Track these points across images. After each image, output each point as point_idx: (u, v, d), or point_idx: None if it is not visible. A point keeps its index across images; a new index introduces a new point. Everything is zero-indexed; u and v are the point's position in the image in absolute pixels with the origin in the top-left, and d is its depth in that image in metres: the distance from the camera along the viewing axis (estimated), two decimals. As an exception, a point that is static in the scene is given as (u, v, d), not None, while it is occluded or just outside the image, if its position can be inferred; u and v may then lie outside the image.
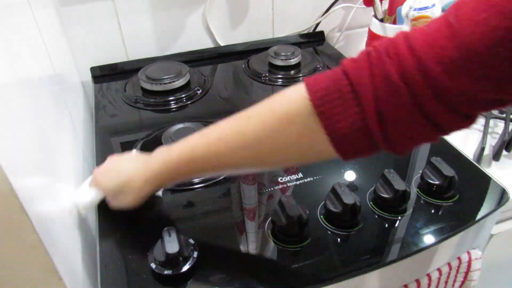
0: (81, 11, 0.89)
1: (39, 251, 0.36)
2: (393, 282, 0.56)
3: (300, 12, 1.08)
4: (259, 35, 1.07)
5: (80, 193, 0.57)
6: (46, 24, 0.71)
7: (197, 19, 1.00)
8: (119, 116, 0.82)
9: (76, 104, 0.82)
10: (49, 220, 0.41)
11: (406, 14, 0.81)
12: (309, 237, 0.53)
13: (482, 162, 0.70)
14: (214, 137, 0.46)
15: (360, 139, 0.39)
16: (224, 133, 0.45)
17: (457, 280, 0.62)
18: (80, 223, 0.55)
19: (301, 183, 0.62)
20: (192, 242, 0.51)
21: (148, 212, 0.58)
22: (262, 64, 0.97)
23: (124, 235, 0.55)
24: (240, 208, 0.59)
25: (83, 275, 0.50)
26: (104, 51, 0.96)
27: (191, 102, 0.85)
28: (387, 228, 0.55)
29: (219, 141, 0.45)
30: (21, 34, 0.52)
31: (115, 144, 0.73)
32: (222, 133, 0.45)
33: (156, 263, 0.48)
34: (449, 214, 0.56)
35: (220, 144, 0.45)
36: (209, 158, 0.46)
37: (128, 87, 0.90)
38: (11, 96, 0.40)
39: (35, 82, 0.53)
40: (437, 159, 0.59)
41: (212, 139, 0.46)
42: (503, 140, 0.70)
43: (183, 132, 0.68)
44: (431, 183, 0.58)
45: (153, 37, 0.98)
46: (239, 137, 0.44)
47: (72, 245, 0.49)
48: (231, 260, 0.51)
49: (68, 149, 0.61)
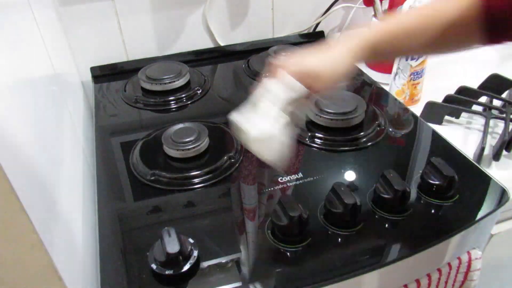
0: (81, 11, 0.89)
1: (39, 251, 0.36)
2: (393, 282, 0.56)
3: (300, 12, 1.08)
4: (259, 35, 1.07)
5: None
6: (46, 24, 0.71)
7: (197, 19, 1.00)
8: (119, 116, 0.82)
9: (76, 104, 0.82)
10: (49, 220, 0.41)
11: (406, 14, 0.81)
12: (309, 237, 0.53)
13: (482, 162, 0.70)
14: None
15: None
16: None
17: (457, 280, 0.62)
18: (80, 223, 0.55)
19: (301, 183, 0.62)
20: (192, 241, 0.51)
21: (148, 212, 0.58)
22: (262, 64, 0.97)
23: (124, 235, 0.55)
24: (240, 208, 0.59)
25: (83, 275, 0.50)
26: (104, 51, 0.96)
27: (191, 102, 0.85)
28: (387, 228, 0.55)
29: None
30: (21, 34, 0.52)
31: (115, 144, 0.73)
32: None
33: (156, 263, 0.48)
34: (449, 214, 0.56)
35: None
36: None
37: (128, 87, 0.90)
38: (11, 96, 0.40)
39: (35, 82, 0.53)
40: (437, 159, 0.59)
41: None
42: (503, 140, 0.70)
43: (183, 132, 0.68)
44: (431, 183, 0.58)
45: (153, 37, 0.98)
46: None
47: (72, 245, 0.49)
48: (231, 260, 0.51)
49: (68, 149, 0.61)
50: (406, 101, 0.87)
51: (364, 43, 0.55)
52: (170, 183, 0.63)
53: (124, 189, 0.63)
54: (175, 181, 0.63)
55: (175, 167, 0.65)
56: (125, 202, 0.61)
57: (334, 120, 0.71)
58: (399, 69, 0.85)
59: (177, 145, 0.66)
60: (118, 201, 0.61)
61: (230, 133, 0.73)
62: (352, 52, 0.55)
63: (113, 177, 0.66)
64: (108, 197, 0.62)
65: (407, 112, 0.79)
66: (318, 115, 0.72)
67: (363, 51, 0.55)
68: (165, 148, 0.67)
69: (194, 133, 0.67)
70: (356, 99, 0.75)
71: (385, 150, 0.69)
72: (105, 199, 0.61)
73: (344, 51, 0.55)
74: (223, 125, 0.75)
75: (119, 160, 0.69)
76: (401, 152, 0.70)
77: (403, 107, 0.81)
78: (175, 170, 0.65)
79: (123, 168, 0.67)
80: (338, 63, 0.55)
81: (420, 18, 0.54)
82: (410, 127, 0.75)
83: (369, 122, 0.74)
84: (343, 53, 0.55)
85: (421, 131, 0.74)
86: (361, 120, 0.73)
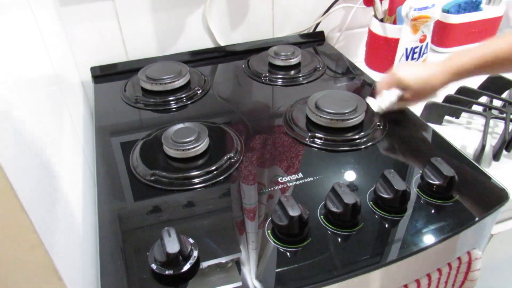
0: (81, 11, 0.89)
1: (39, 251, 0.36)
2: (393, 282, 0.56)
3: (300, 12, 1.08)
4: (259, 35, 1.07)
5: (381, 98, 0.72)
6: (46, 24, 0.71)
7: (197, 19, 1.00)
8: (119, 116, 0.82)
9: (76, 104, 0.82)
10: (49, 220, 0.41)
11: (406, 14, 0.81)
12: (309, 237, 0.53)
13: (482, 162, 0.70)
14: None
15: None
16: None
17: (457, 280, 0.62)
18: (80, 223, 0.55)
19: (301, 183, 0.62)
20: (192, 241, 0.51)
21: (148, 212, 0.58)
22: (262, 64, 0.97)
23: (124, 235, 0.55)
24: (240, 208, 0.59)
25: (83, 275, 0.50)
26: (104, 51, 0.96)
27: (191, 102, 0.85)
28: (387, 228, 0.55)
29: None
30: (21, 34, 0.52)
31: (115, 144, 0.73)
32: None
33: (156, 264, 0.48)
34: (449, 214, 0.56)
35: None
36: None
37: (128, 87, 0.90)
38: (11, 96, 0.40)
39: (35, 82, 0.53)
40: (437, 159, 0.59)
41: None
42: (503, 140, 0.70)
43: (183, 132, 0.68)
44: (431, 183, 0.58)
45: (153, 37, 0.98)
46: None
47: (72, 245, 0.49)
48: (231, 260, 0.51)
49: (68, 149, 0.61)
50: (406, 101, 0.87)
51: (459, 69, 0.63)
52: (170, 183, 0.63)
53: (124, 189, 0.63)
54: (175, 181, 0.63)
55: (175, 167, 0.65)
56: (125, 202, 0.61)
57: (334, 120, 0.71)
58: (399, 69, 0.84)
59: (177, 145, 0.66)
60: (118, 201, 0.61)
61: (230, 133, 0.73)
62: (446, 73, 0.64)
63: (113, 177, 0.66)
64: (108, 197, 0.62)
65: (407, 112, 0.79)
66: (318, 115, 0.72)
67: (456, 75, 0.64)
68: (165, 148, 0.67)
69: (194, 133, 0.67)
70: (356, 99, 0.75)
71: (385, 150, 0.69)
72: (105, 199, 0.61)
73: (438, 72, 0.64)
74: (223, 125, 0.75)
75: (119, 160, 0.69)
76: (401, 152, 0.69)
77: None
78: (175, 170, 0.65)
79: (123, 168, 0.67)
80: (430, 80, 0.65)
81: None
82: (410, 127, 0.75)
83: (369, 122, 0.74)
84: (437, 72, 0.64)
85: (421, 131, 0.74)
86: (361, 120, 0.73)
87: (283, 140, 0.72)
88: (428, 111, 0.80)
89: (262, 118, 0.80)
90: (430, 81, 0.65)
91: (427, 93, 0.67)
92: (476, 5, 1.06)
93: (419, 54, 0.82)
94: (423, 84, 0.66)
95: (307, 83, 0.91)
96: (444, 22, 1.06)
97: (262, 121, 0.79)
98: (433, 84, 0.65)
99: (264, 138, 0.73)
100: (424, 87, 0.66)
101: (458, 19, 1.05)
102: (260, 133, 0.74)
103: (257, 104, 0.85)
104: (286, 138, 0.72)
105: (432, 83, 0.65)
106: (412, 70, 0.68)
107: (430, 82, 0.65)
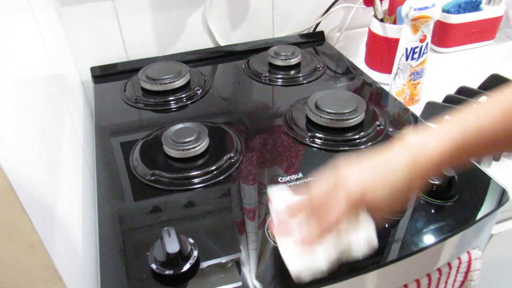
0: (81, 11, 0.89)
1: (39, 251, 0.36)
2: (393, 282, 0.56)
3: (300, 12, 1.08)
4: (259, 35, 1.07)
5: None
6: (46, 24, 0.71)
7: (197, 19, 1.00)
8: (119, 116, 0.82)
9: (76, 104, 0.82)
10: (49, 220, 0.41)
11: (406, 14, 0.81)
12: (309, 237, 0.53)
13: (482, 162, 0.70)
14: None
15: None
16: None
17: (457, 280, 0.62)
18: (80, 223, 0.55)
19: (301, 183, 0.62)
20: (192, 241, 0.51)
21: (148, 212, 0.58)
22: (262, 64, 0.97)
23: (124, 235, 0.55)
24: (240, 208, 0.59)
25: (83, 275, 0.50)
26: (104, 51, 0.96)
27: (191, 102, 0.85)
28: (387, 228, 0.55)
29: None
30: (21, 34, 0.52)
31: (115, 144, 0.73)
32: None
33: (156, 263, 0.48)
34: (449, 214, 0.56)
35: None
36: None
37: (128, 87, 0.90)
38: (11, 96, 0.40)
39: (35, 82, 0.53)
40: (437, 159, 0.59)
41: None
42: (503, 140, 0.70)
43: (183, 132, 0.68)
44: (431, 183, 0.58)
45: (153, 37, 0.98)
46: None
47: (72, 245, 0.49)
48: (231, 260, 0.51)
49: (68, 149, 0.61)
50: (406, 101, 0.87)
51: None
52: (170, 183, 0.63)
53: (124, 189, 0.63)
54: (175, 181, 0.63)
55: (175, 167, 0.65)
56: (125, 202, 0.61)
57: (334, 120, 0.71)
58: (399, 69, 0.85)
59: (177, 145, 0.66)
60: (118, 201, 0.61)
61: (230, 133, 0.73)
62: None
63: (113, 177, 0.66)
64: (108, 197, 0.62)
65: (407, 112, 0.79)
66: (318, 115, 0.72)
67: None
68: (165, 148, 0.67)
69: (194, 133, 0.67)
70: (356, 99, 0.75)
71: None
72: (105, 199, 0.61)
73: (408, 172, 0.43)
74: (223, 125, 0.75)
75: (119, 160, 0.69)
76: (401, 152, 0.69)
77: (403, 107, 0.81)
78: (175, 170, 0.65)
79: (123, 168, 0.67)
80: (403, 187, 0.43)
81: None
82: (410, 127, 0.75)
83: (369, 122, 0.74)
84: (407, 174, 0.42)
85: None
86: (361, 120, 0.73)
87: (283, 140, 0.72)
88: (428, 111, 0.80)
89: (262, 118, 0.80)
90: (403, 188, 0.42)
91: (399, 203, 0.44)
92: (476, 5, 1.07)
93: (419, 54, 0.82)
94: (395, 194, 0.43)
95: (307, 83, 0.91)
96: (444, 22, 1.06)
97: (262, 121, 0.79)
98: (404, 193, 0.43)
99: (264, 138, 0.73)
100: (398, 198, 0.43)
101: (458, 19, 1.06)
102: (260, 133, 0.74)
103: (257, 104, 0.85)
104: (286, 138, 0.72)
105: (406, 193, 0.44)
106: (368, 175, 0.45)
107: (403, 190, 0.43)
